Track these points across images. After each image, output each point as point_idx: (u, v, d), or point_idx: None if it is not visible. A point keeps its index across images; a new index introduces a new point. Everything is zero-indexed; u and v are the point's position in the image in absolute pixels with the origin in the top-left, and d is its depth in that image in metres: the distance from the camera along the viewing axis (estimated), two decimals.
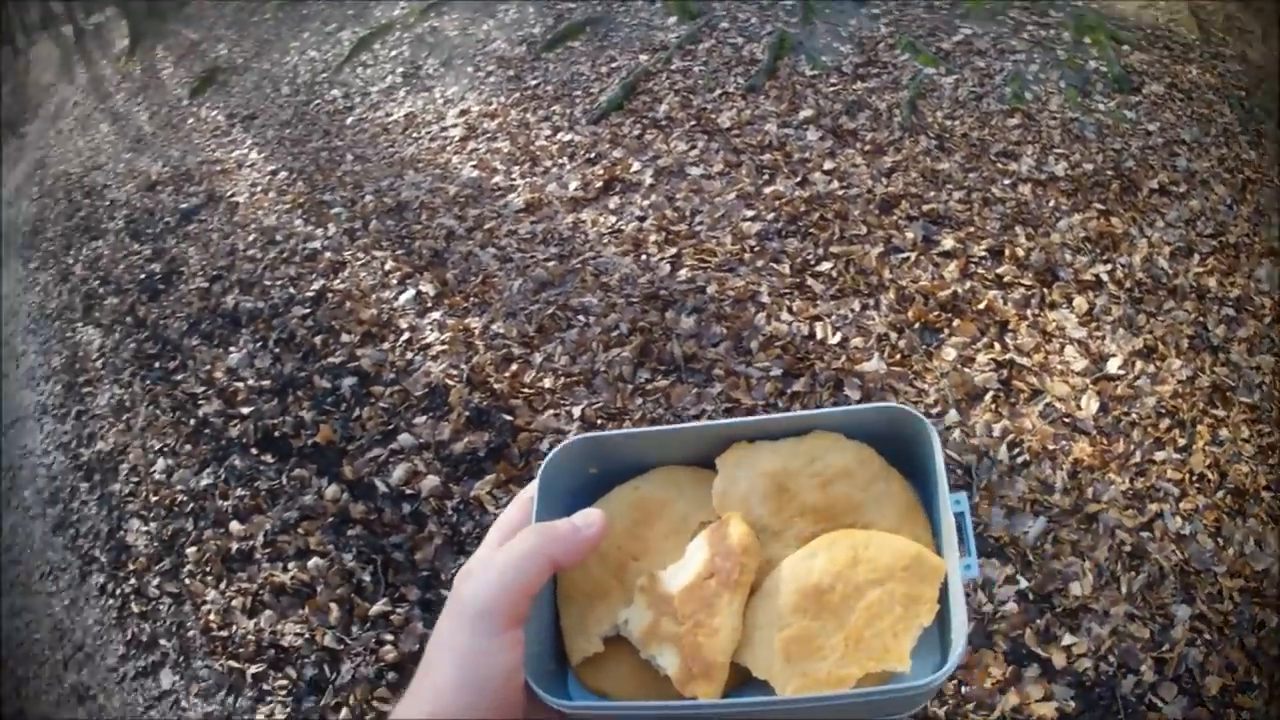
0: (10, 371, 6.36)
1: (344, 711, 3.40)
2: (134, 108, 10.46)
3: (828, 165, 5.50)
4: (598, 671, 0.70)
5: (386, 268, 5.44)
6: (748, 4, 7.61)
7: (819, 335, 4.26)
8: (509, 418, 4.15)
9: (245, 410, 4.66)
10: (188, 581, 4.02)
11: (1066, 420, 3.81)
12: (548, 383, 4.28)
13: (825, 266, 4.69)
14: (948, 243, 4.78)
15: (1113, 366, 4.04)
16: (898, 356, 4.14)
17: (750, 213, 5.14)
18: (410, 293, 5.13)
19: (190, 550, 4.12)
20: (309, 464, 4.28)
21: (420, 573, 3.68)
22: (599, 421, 4.04)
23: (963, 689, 3.00)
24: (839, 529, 0.71)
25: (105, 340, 5.88)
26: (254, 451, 4.45)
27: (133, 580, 4.21)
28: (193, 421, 4.77)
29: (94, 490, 4.80)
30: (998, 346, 4.15)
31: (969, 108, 6.01)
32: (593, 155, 6.02)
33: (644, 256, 4.99)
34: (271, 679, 3.59)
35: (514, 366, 4.41)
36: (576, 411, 4.08)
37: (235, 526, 4.08)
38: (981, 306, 4.35)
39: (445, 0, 9.10)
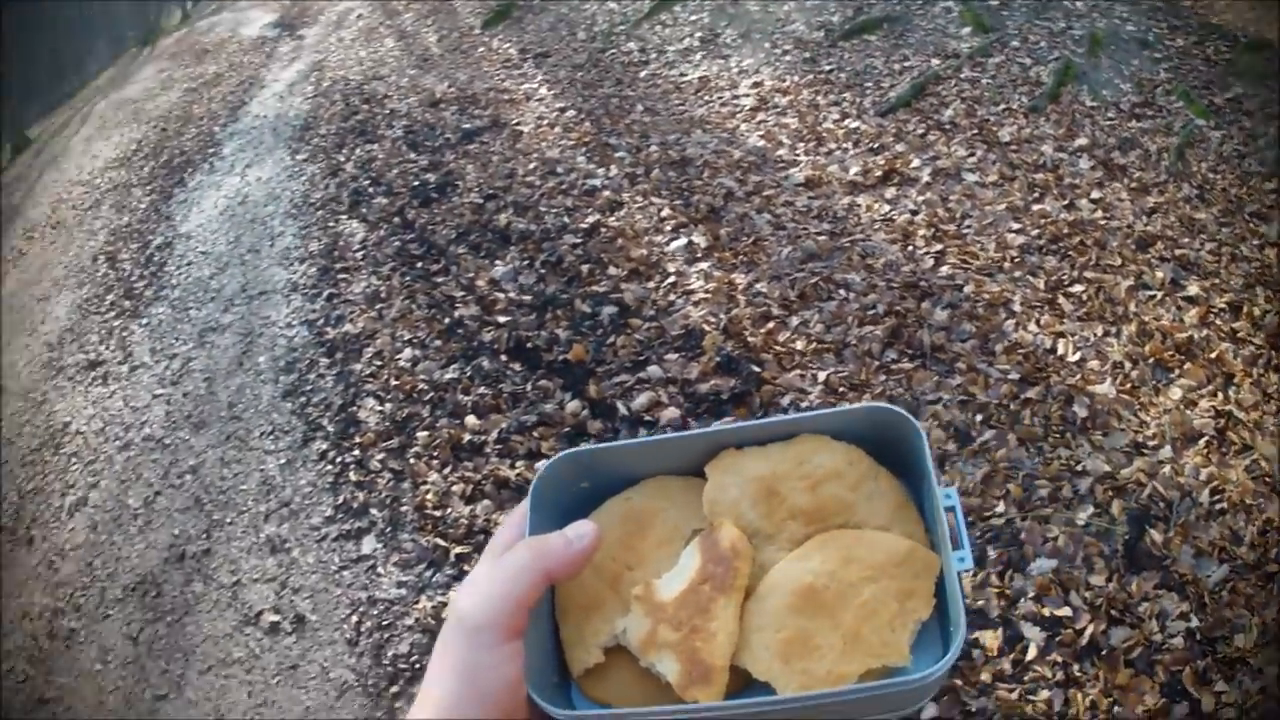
0: (263, 248, 7.73)
1: None
2: (422, 29, 12.05)
3: (1094, 194, 6.29)
4: (600, 682, 0.83)
5: (662, 214, 6.47)
6: (1039, 28, 8.47)
7: (1060, 351, 4.95)
8: (757, 369, 4.96)
9: (501, 319, 5.68)
10: (412, 462, 5.02)
11: (1268, 480, 4.28)
12: (799, 345, 5.11)
13: (1077, 289, 5.41)
14: (1193, 289, 5.44)
15: None
16: (1128, 385, 4.75)
17: (1016, 226, 5.95)
18: (682, 241, 6.13)
19: (421, 434, 5.11)
20: (555, 377, 5.21)
21: None
22: (840, 389, 4.78)
23: (1115, 709, 3.49)
24: (831, 530, 0.83)
25: (369, 235, 7.12)
26: (503, 358, 5.43)
27: (356, 452, 5.25)
28: (447, 321, 5.84)
29: (334, 366, 5.91)
30: (1220, 396, 4.71)
31: (1231, 164, 6.74)
32: (876, 146, 7.04)
33: (910, 248, 5.85)
34: (474, 561, 4.51)
35: (770, 325, 5.26)
36: (821, 376, 4.86)
37: (471, 420, 5.07)
38: (1213, 355, 4.94)
39: None
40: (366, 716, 4.28)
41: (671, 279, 5.83)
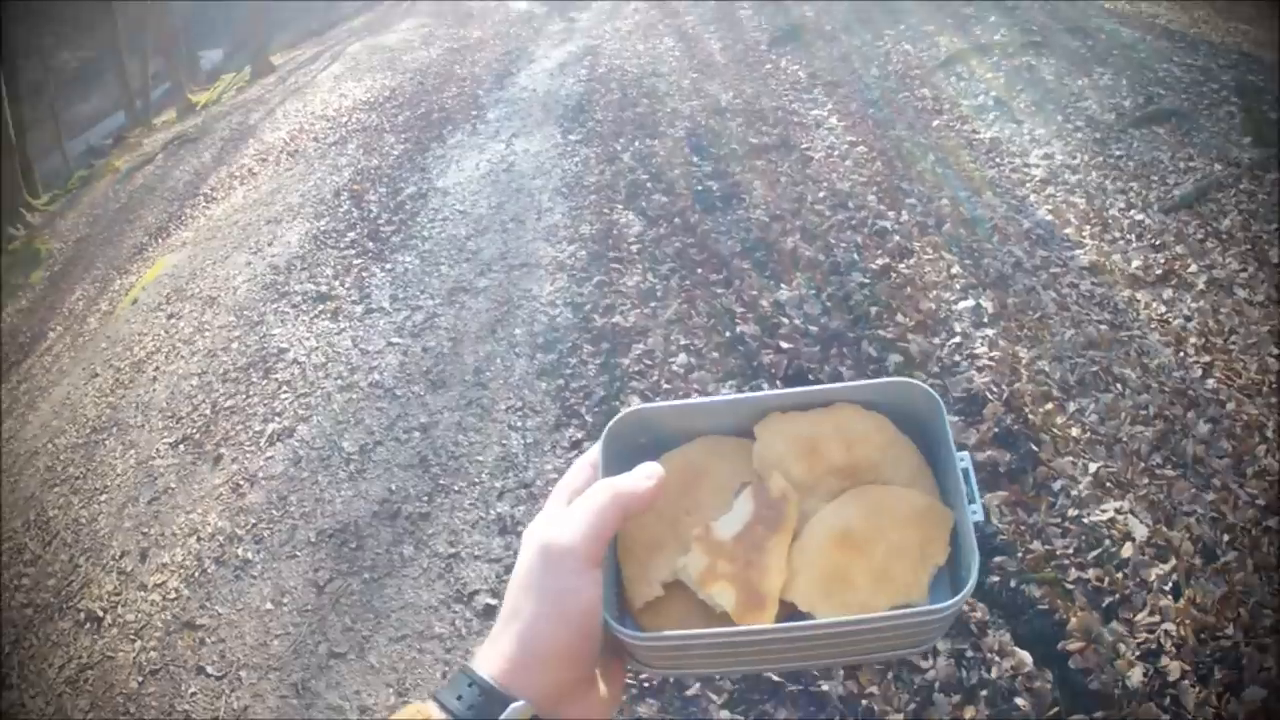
0: (528, 220, 7.81)
1: None
2: (704, 34, 12.14)
3: None
4: (656, 615, 0.93)
5: (952, 271, 6.35)
6: None
7: None
8: (1034, 448, 4.84)
9: (784, 344, 5.57)
10: None
11: None
12: (1074, 431, 4.98)
13: None
14: None
15: None
16: None
17: (1276, 350, 5.70)
18: (970, 302, 6.00)
19: None
20: None
21: None
22: (1107, 484, 4.63)
23: None
24: (862, 485, 0.97)
25: (647, 230, 7.14)
26: (780, 384, 5.31)
27: None
28: (727, 334, 5.78)
29: (599, 356, 5.88)
30: None
31: None
32: (1158, 243, 6.84)
33: (1181, 353, 5.68)
34: None
35: (1049, 405, 5.13)
36: (1092, 468, 4.71)
37: None
38: None
39: (1047, 42, 10.25)
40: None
41: (957, 339, 5.73)
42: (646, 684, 4.07)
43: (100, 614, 5.72)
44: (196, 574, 5.56)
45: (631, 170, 8.16)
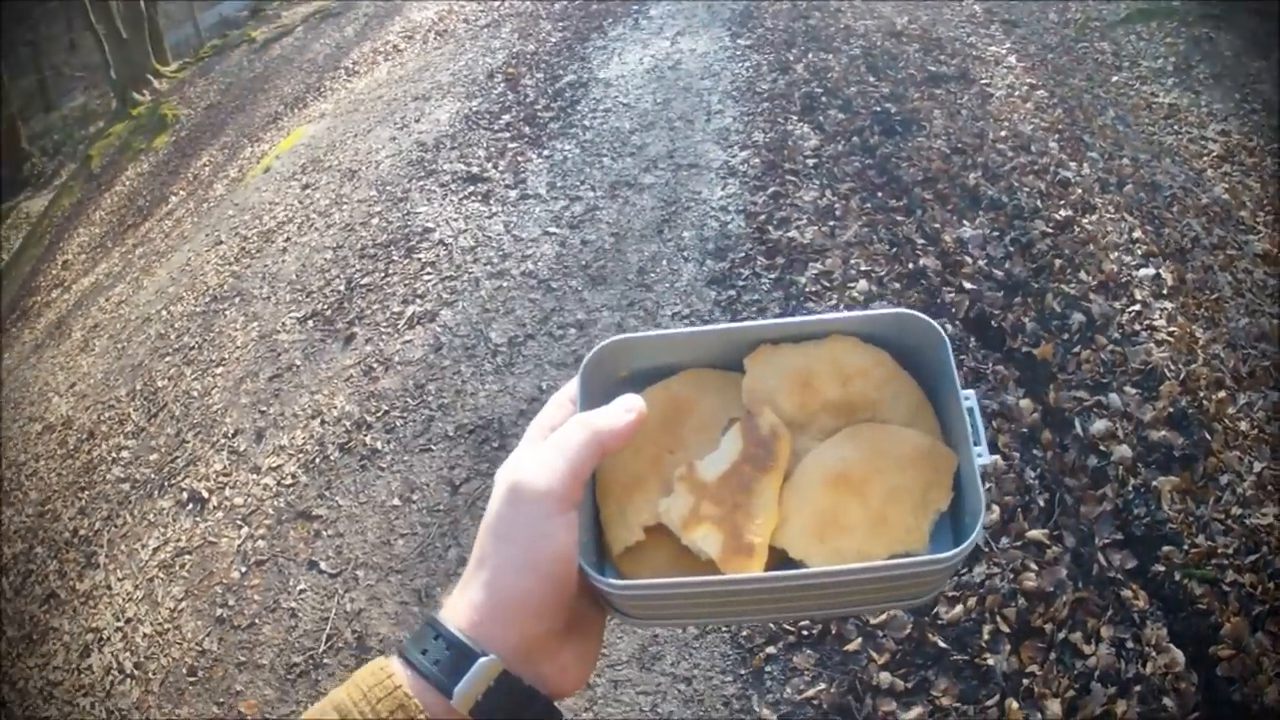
0: (697, 120, 7.60)
1: (958, 608, 4.00)
2: None
3: None
4: (636, 562, 0.89)
5: (1134, 235, 6.08)
6: None
7: None
8: (1207, 436, 4.61)
9: (967, 285, 5.37)
10: None
11: None
12: (1243, 425, 4.75)
13: None
14: None
15: None
16: None
17: None
18: (1150, 271, 5.73)
19: None
20: (1014, 367, 4.91)
21: (1082, 525, 4.18)
22: (1268, 486, 4.42)
23: None
24: (858, 423, 0.92)
25: (824, 146, 6.89)
26: (961, 325, 5.14)
27: None
28: (910, 265, 5.57)
29: (773, 270, 5.68)
30: None
31: None
32: None
33: None
34: None
35: (1221, 393, 4.90)
36: (1256, 467, 4.50)
37: None
38: None
39: (1225, 17, 9.89)
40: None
41: (1137, 307, 5.48)
42: (806, 633, 3.92)
43: (205, 495, 5.68)
44: (317, 460, 5.47)
45: (806, 82, 7.89)
